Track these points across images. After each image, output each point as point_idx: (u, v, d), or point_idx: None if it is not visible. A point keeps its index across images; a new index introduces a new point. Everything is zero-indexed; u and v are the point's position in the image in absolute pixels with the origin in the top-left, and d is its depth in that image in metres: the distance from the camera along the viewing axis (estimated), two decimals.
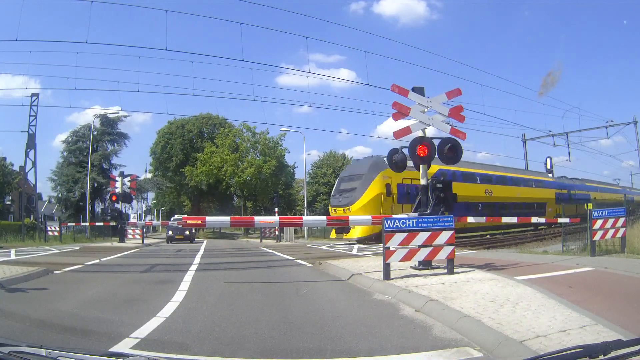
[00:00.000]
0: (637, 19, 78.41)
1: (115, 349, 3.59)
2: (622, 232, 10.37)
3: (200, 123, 50.05)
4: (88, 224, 28.01)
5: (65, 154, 37.44)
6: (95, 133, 35.95)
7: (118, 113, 37.95)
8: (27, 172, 29.55)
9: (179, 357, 3.58)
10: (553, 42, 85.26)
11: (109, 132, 37.94)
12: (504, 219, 12.84)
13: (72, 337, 4.19)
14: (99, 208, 37.27)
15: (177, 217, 10.13)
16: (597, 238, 10.17)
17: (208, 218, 10.43)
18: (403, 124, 8.34)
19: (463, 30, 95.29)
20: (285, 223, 20.71)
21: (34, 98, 27.70)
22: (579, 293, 5.62)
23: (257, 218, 11.83)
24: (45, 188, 74.94)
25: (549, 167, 35.42)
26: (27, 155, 27.97)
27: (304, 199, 40.03)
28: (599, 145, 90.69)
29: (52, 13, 75.92)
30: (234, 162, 42.68)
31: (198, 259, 13.04)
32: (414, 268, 7.89)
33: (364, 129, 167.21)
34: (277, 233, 28.67)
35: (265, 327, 4.61)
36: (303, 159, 63.83)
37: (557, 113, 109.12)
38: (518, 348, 3.39)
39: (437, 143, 8.24)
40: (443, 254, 7.34)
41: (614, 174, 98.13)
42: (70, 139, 37.80)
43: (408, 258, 7.22)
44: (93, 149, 34.56)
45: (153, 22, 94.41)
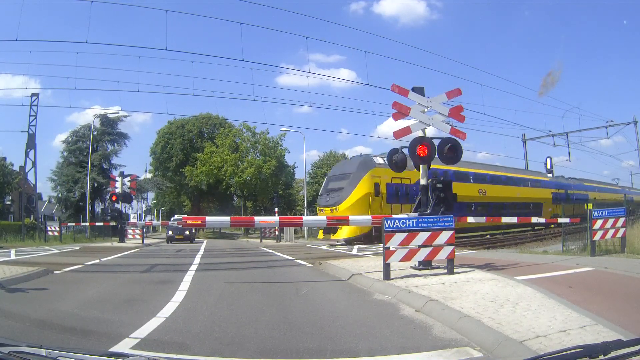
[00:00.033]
0: (637, 19, 78.48)
1: (115, 349, 3.59)
2: (622, 232, 10.38)
3: (200, 123, 50.11)
4: (88, 224, 28.01)
5: (65, 154, 37.48)
6: (95, 133, 35.96)
7: (118, 113, 38.15)
8: (27, 172, 29.58)
9: (179, 357, 3.58)
10: (553, 42, 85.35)
11: (109, 132, 37.96)
12: (503, 219, 12.85)
13: (72, 337, 4.19)
14: (99, 208, 37.30)
15: (177, 217, 10.14)
16: (597, 238, 10.17)
17: (208, 218, 10.44)
18: (403, 124, 8.35)
19: (463, 30, 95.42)
20: (285, 223, 20.70)
21: (34, 98, 27.76)
22: (579, 293, 5.62)
23: (257, 218, 11.82)
24: (45, 188, 75.06)
25: (549, 167, 35.28)
26: (27, 155, 28.01)
27: (304, 199, 40.01)
28: (599, 145, 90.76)
29: (52, 13, 76.02)
30: (234, 162, 42.68)
31: (198, 259, 13.04)
32: (414, 268, 7.89)
33: (364, 129, 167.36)
34: (277, 233, 28.67)
35: (265, 327, 4.62)
36: (303, 159, 63.93)
37: (557, 113, 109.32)
38: (518, 348, 3.39)
39: (437, 143, 8.25)
40: (443, 254, 7.34)
41: (614, 174, 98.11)
42: (70, 139, 37.82)
43: (408, 258, 7.22)
44: (93, 149, 34.57)
45: (153, 22, 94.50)
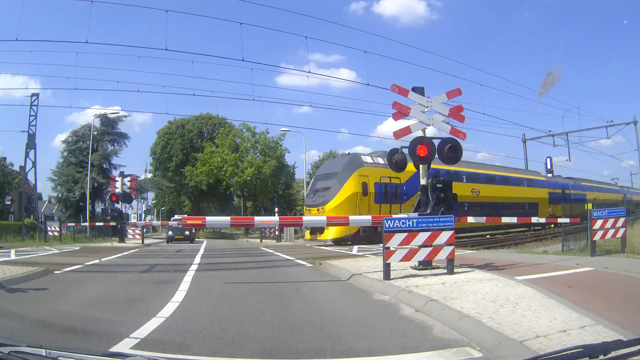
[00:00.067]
0: (637, 19, 78.56)
1: (115, 349, 3.59)
2: (622, 232, 10.37)
3: (200, 123, 50.12)
4: (88, 224, 27.99)
5: (65, 154, 37.47)
6: (95, 133, 35.96)
7: (118, 113, 38.10)
8: (27, 172, 29.57)
9: (179, 357, 3.58)
10: (553, 42, 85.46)
11: (109, 132, 37.96)
12: (503, 219, 12.87)
13: (72, 337, 4.19)
14: (99, 208, 37.29)
15: (177, 217, 10.15)
16: (597, 238, 10.17)
17: (208, 218, 10.43)
18: (403, 124, 8.35)
19: (463, 30, 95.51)
20: (285, 223, 20.67)
21: (34, 98, 27.75)
22: (579, 293, 5.62)
23: (257, 218, 11.82)
24: (45, 188, 75.14)
25: (549, 167, 35.34)
26: (27, 155, 28.01)
27: (304, 199, 39.92)
28: (599, 145, 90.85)
29: (52, 13, 76.08)
30: (234, 162, 42.66)
31: (198, 259, 13.03)
32: (414, 268, 7.89)
33: (364, 129, 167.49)
34: (277, 233, 28.65)
35: (265, 327, 4.62)
36: (303, 159, 63.87)
37: (557, 113, 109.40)
38: (518, 348, 3.40)
39: (437, 143, 8.25)
40: (443, 254, 7.34)
41: (614, 174, 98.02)
42: (70, 139, 37.81)
43: (408, 258, 7.22)
44: (93, 149, 34.57)
45: (153, 22, 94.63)
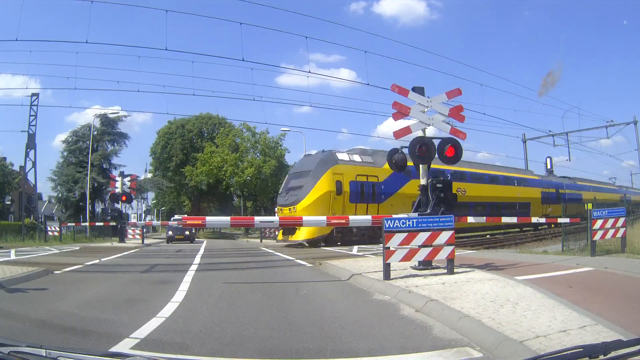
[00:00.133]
0: (637, 19, 78.62)
1: (115, 349, 3.58)
2: (622, 232, 10.37)
3: (200, 123, 50.12)
4: (88, 224, 27.99)
5: (65, 154, 37.45)
6: (95, 133, 35.95)
7: (118, 113, 38.10)
8: (27, 172, 29.57)
9: (179, 357, 3.58)
10: (553, 42, 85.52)
11: (109, 132, 37.94)
12: (503, 219, 12.88)
13: (72, 337, 4.19)
14: (99, 208, 37.28)
15: (177, 217, 10.12)
16: (597, 238, 10.17)
17: (208, 218, 10.43)
18: (403, 124, 8.35)
19: (463, 30, 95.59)
20: (285, 223, 20.59)
21: (34, 98, 27.74)
22: (579, 293, 5.62)
23: (257, 218, 11.82)
24: (45, 188, 75.11)
25: (549, 167, 35.37)
26: (27, 155, 28.01)
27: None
28: (599, 145, 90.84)
29: (52, 13, 76.09)
30: (234, 162, 42.63)
31: (198, 259, 13.04)
32: (414, 268, 7.89)
33: (364, 129, 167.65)
34: (277, 233, 28.63)
35: (265, 327, 4.61)
36: None
37: (557, 113, 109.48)
38: (518, 348, 3.40)
39: (437, 143, 8.25)
40: (443, 254, 7.33)
41: (614, 174, 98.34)
42: (70, 139, 37.79)
43: (408, 258, 7.21)
44: (93, 149, 34.56)
45: (153, 22, 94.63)
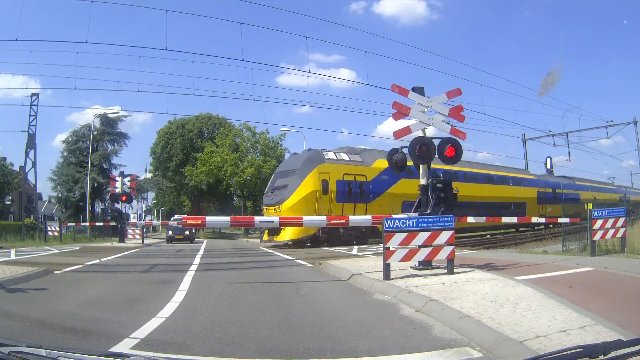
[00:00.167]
0: (637, 19, 78.65)
1: (115, 349, 3.58)
2: (622, 232, 10.37)
3: (200, 123, 50.11)
4: (88, 224, 27.98)
5: (65, 154, 37.45)
6: (95, 133, 35.94)
7: (118, 113, 38.08)
8: (27, 172, 29.56)
9: (179, 357, 3.58)
10: (553, 42, 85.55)
11: (109, 132, 37.94)
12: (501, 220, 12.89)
13: (72, 337, 4.19)
14: (99, 208, 37.28)
15: (177, 217, 10.08)
16: (597, 238, 10.16)
17: (208, 218, 10.43)
18: (403, 124, 8.35)
19: (463, 30, 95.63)
20: (286, 223, 20.49)
21: (34, 98, 27.74)
22: (579, 293, 5.62)
23: (257, 218, 11.78)
24: (45, 188, 75.07)
25: (549, 167, 35.36)
26: (27, 155, 28.00)
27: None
28: (599, 145, 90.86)
29: (52, 13, 76.10)
30: (234, 162, 42.60)
31: (198, 259, 13.04)
32: (414, 268, 7.89)
33: (365, 129, 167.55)
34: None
35: (265, 327, 4.61)
36: None
37: (557, 113, 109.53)
38: (518, 348, 3.39)
39: (437, 143, 8.25)
40: (443, 254, 7.33)
41: (614, 174, 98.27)
42: (70, 139, 37.79)
43: (408, 258, 7.21)
44: (93, 149, 34.56)
45: (153, 22, 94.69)
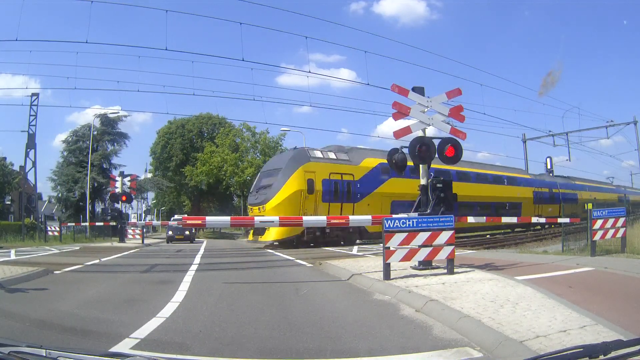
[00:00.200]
0: (637, 19, 78.71)
1: (115, 349, 3.58)
2: (622, 232, 10.37)
3: (200, 123, 50.16)
4: (88, 224, 27.97)
5: (65, 154, 37.51)
6: (95, 133, 35.96)
7: (118, 113, 38.13)
8: (27, 172, 29.53)
9: (179, 357, 3.58)
10: (553, 42, 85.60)
11: (109, 132, 37.99)
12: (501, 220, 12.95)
13: (72, 337, 4.19)
14: (99, 208, 37.29)
15: (177, 217, 10.09)
16: (597, 238, 10.16)
17: (208, 218, 10.42)
18: (403, 124, 8.34)
19: (463, 30, 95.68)
20: (286, 223, 20.47)
21: (34, 98, 27.71)
22: (579, 293, 5.62)
23: (257, 218, 11.81)
24: (45, 188, 74.99)
25: (549, 167, 35.34)
26: (27, 155, 27.98)
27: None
28: (599, 145, 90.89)
29: (52, 13, 76.10)
30: (234, 162, 42.63)
31: (198, 259, 13.03)
32: (414, 268, 7.89)
33: (365, 129, 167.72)
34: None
35: (265, 327, 4.61)
36: None
37: (557, 113, 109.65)
38: (518, 348, 3.39)
39: (437, 143, 8.24)
40: (443, 254, 7.33)
41: (614, 174, 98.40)
42: (70, 139, 37.83)
43: (408, 258, 7.21)
44: (93, 149, 34.57)
45: (153, 22, 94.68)
